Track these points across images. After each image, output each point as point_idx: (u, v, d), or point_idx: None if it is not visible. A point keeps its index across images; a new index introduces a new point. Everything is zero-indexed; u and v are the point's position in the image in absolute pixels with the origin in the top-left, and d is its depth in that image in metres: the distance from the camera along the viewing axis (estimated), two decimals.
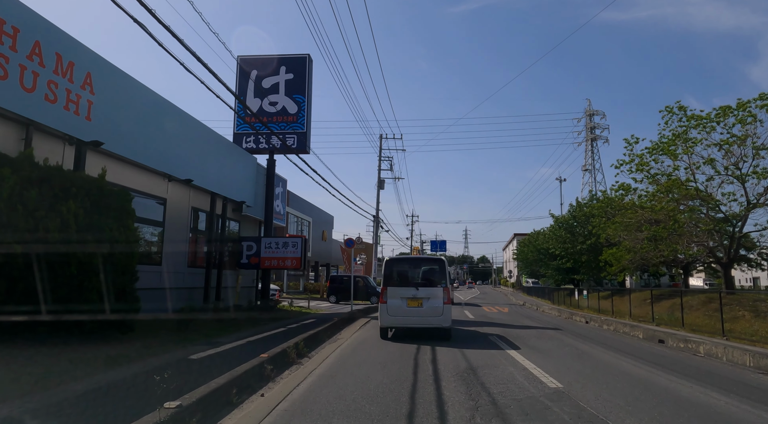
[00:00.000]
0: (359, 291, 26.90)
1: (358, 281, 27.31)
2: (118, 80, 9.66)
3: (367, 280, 27.32)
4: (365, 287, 26.87)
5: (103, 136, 8.93)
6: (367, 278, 27.63)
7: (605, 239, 22.43)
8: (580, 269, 29.78)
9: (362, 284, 26.99)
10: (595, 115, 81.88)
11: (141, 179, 11.34)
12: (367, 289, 26.82)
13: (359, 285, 27.00)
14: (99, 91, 8.96)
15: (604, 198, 18.09)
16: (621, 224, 18.04)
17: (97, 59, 9.04)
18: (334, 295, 26.51)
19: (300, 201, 41.50)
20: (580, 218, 26.63)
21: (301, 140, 17.51)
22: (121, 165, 10.35)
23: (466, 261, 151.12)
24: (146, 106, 10.64)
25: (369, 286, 26.98)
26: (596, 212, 20.19)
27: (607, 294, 25.69)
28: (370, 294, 26.73)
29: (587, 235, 27.18)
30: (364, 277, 27.78)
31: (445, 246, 58.59)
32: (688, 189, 16.76)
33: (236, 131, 17.66)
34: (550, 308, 21.57)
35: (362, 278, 27.58)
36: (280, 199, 19.97)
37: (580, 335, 10.99)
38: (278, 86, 17.86)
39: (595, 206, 23.22)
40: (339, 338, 9.40)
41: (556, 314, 19.40)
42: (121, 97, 9.77)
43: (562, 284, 36.04)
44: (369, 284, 27.09)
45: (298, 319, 13.55)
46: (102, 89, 9.06)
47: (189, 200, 13.95)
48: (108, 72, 9.35)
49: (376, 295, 26.38)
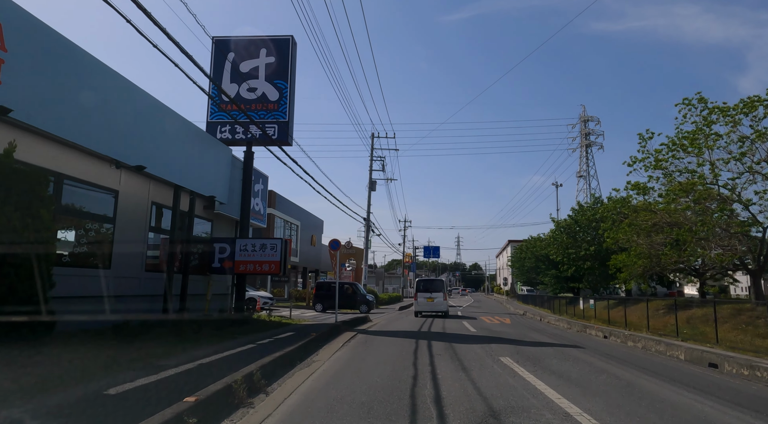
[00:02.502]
0: (348, 299, 24.97)
1: (347, 288, 25.39)
2: (43, 38, 7.77)
3: (357, 287, 25.40)
4: (354, 294, 24.93)
5: (15, 103, 7.02)
6: (356, 284, 25.71)
7: (613, 243, 20.79)
8: (583, 277, 28.12)
9: (351, 291, 25.05)
10: (589, 121, 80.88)
11: (82, 166, 9.42)
12: (357, 297, 24.88)
13: (348, 292, 25.06)
14: (13, 48, 7.07)
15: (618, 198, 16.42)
16: (635, 227, 16.33)
17: (11, 8, 7.16)
18: (320, 303, 24.54)
19: (287, 203, 39.48)
20: (584, 222, 24.98)
21: (282, 130, 15.66)
22: (50, 145, 8.43)
23: (458, 268, 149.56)
24: (85, 76, 8.74)
25: (359, 293, 25.05)
26: (607, 215, 18.50)
27: (612, 303, 24.03)
28: (359, 302, 24.79)
29: (591, 240, 25.55)
30: (353, 283, 25.86)
31: (439, 252, 56.83)
32: (710, 189, 15.14)
33: (210, 120, 15.77)
34: (556, 319, 19.77)
35: (351, 284, 25.64)
36: (260, 198, 18.07)
37: (609, 356, 9.17)
38: (258, 71, 16.02)
39: (607, 207, 21.53)
40: (315, 361, 7.51)
41: (566, 326, 17.60)
42: (50, 59, 7.88)
43: (560, 292, 34.38)
44: (358, 292, 25.16)
45: (273, 332, 11.64)
46: (18, 46, 7.17)
47: (149, 194, 12.03)
48: (29, 26, 7.46)
49: (366, 303, 24.48)
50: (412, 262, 66.75)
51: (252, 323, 14.10)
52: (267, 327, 13.34)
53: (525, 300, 48.87)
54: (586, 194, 78.07)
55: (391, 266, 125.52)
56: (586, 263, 24.82)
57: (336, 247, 14.46)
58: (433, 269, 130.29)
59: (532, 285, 49.59)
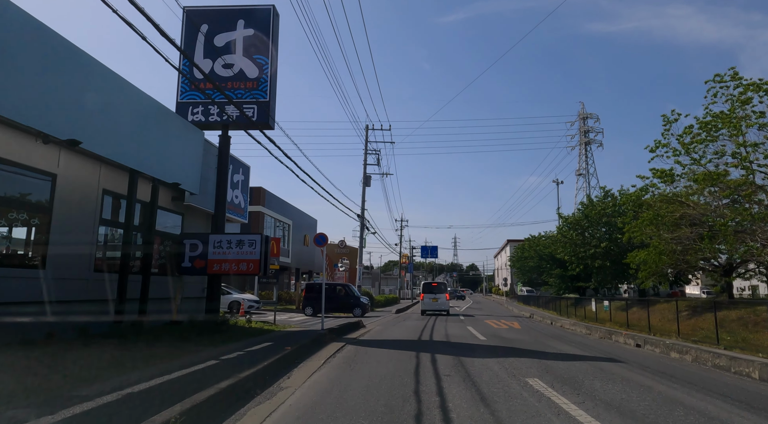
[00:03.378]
0: (340, 302, 23.10)
1: (339, 290, 23.52)
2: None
3: (350, 288, 23.52)
4: (347, 296, 23.05)
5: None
6: (349, 286, 23.83)
7: (635, 238, 19.03)
8: (592, 276, 26.36)
9: (344, 294, 23.16)
10: (589, 118, 79.41)
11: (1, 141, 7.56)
12: (350, 299, 23.00)
13: (340, 295, 23.19)
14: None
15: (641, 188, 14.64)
16: (661, 219, 14.54)
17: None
18: (310, 306, 22.65)
19: (277, 201, 37.54)
20: (594, 217, 23.21)
21: (263, 111, 13.80)
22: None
23: (455, 269, 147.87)
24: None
25: (352, 295, 23.16)
26: (628, 207, 16.70)
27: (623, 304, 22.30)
28: (353, 305, 22.91)
29: (601, 236, 23.80)
30: (345, 285, 23.98)
31: (437, 252, 55.02)
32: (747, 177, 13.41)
33: (180, 100, 13.89)
34: (571, 324, 17.90)
35: (344, 286, 23.76)
36: (241, 190, 16.20)
37: (662, 374, 7.22)
38: (234, 44, 14.15)
39: (628, 198, 19.79)
40: (283, 388, 5.64)
41: (584, 331, 15.70)
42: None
43: (565, 292, 32.64)
44: (352, 294, 23.27)
45: (248, 342, 9.79)
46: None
47: (99, 180, 10.15)
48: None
49: (360, 307, 22.64)
50: (409, 263, 64.96)
51: (227, 330, 12.23)
52: (243, 335, 11.48)
53: (526, 301, 47.09)
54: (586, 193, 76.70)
55: (387, 267, 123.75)
56: (596, 261, 23.06)
57: (322, 242, 12.60)
58: (430, 270, 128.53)
59: (533, 285, 47.87)
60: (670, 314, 19.46)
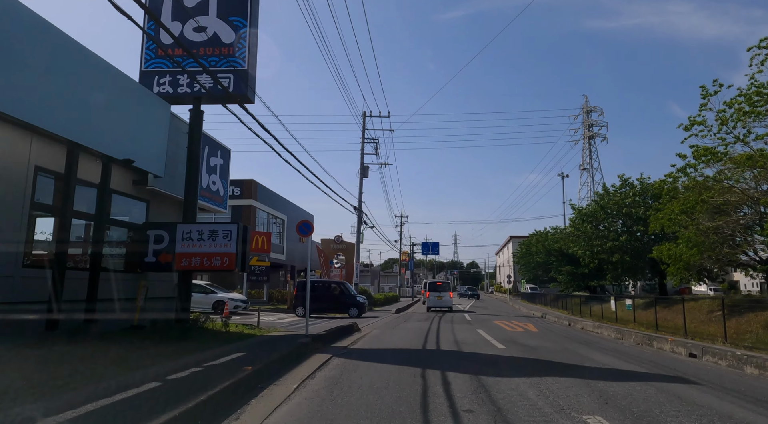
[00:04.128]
0: (335, 301, 21.21)
1: (333, 288, 21.62)
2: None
3: (345, 286, 21.61)
4: (342, 295, 21.14)
5: None
6: (344, 284, 21.92)
7: (654, 231, 17.18)
8: (607, 272, 24.47)
9: (338, 292, 21.26)
10: (592, 111, 77.45)
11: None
12: (345, 298, 21.09)
13: (334, 293, 21.29)
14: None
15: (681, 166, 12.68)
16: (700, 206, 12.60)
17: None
18: (301, 306, 20.72)
19: (270, 195, 35.58)
20: (612, 208, 21.29)
21: (240, 81, 11.88)
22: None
23: (455, 266, 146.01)
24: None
25: (347, 294, 21.26)
26: (663, 191, 14.77)
27: (641, 303, 20.43)
28: (348, 305, 21.01)
29: (619, 229, 21.89)
30: (340, 283, 22.08)
31: (438, 249, 53.16)
32: None
33: (144, 69, 11.96)
34: (595, 326, 15.88)
35: (338, 284, 21.86)
36: (219, 175, 14.27)
37: (758, 401, 5.38)
38: (207, 5, 12.22)
39: (662, 182, 17.75)
40: None
41: (615, 335, 13.60)
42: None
43: (575, 290, 30.75)
44: (347, 292, 21.37)
45: (213, 353, 7.89)
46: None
47: (29, 156, 8.23)
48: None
49: (357, 306, 20.75)
50: (410, 260, 63.13)
51: (196, 336, 10.34)
52: (213, 342, 9.59)
53: (531, 299, 45.18)
54: (590, 188, 74.78)
55: (387, 264, 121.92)
56: (614, 255, 21.14)
57: (305, 231, 10.62)
58: (430, 268, 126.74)
59: (538, 283, 45.96)
60: (700, 315, 17.56)
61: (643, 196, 20.90)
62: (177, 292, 11.22)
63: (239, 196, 31.51)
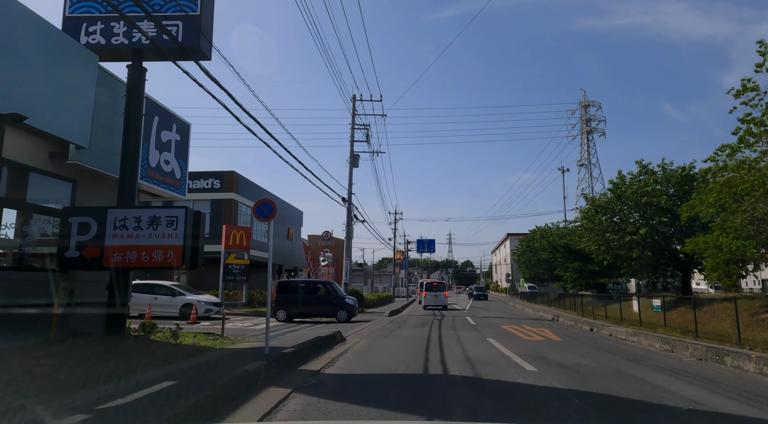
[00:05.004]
0: (320, 304, 18.79)
1: (319, 289, 19.20)
2: None
3: (333, 287, 19.18)
4: (329, 297, 18.71)
5: None
6: (332, 284, 19.49)
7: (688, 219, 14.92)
8: (621, 268, 22.22)
9: (324, 293, 18.82)
10: (590, 106, 75.36)
11: None
12: (333, 300, 18.66)
13: (320, 294, 18.86)
14: None
15: (735, 145, 10.39)
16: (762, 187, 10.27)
17: None
18: (283, 309, 18.28)
19: (255, 189, 33.00)
20: (630, 198, 19.00)
21: (192, 29, 9.44)
22: None
23: (450, 265, 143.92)
24: None
25: (335, 296, 18.83)
26: (715, 171, 12.44)
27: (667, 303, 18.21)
28: (337, 308, 18.60)
29: (636, 221, 19.61)
30: (327, 282, 19.64)
31: (434, 246, 50.85)
32: None
33: (69, 14, 9.51)
34: (628, 333, 13.24)
35: (325, 284, 19.42)
36: (175, 153, 11.78)
37: None
38: None
39: (675, 171, 15.73)
40: None
41: (663, 347, 10.38)
42: None
43: (582, 288, 28.50)
44: (335, 293, 18.94)
45: (128, 385, 5.45)
46: None
47: None
48: None
49: (345, 309, 18.38)
50: (404, 259, 60.78)
51: (132, 352, 7.89)
52: (151, 362, 7.13)
53: (532, 299, 42.96)
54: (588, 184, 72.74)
55: (381, 264, 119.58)
56: (632, 251, 18.87)
57: (265, 213, 8.02)
58: (425, 267, 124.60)
59: (539, 281, 43.70)
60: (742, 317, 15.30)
61: (665, 183, 18.65)
62: (108, 295, 8.78)
63: (219, 188, 29.04)
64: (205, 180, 29.14)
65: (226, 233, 21.69)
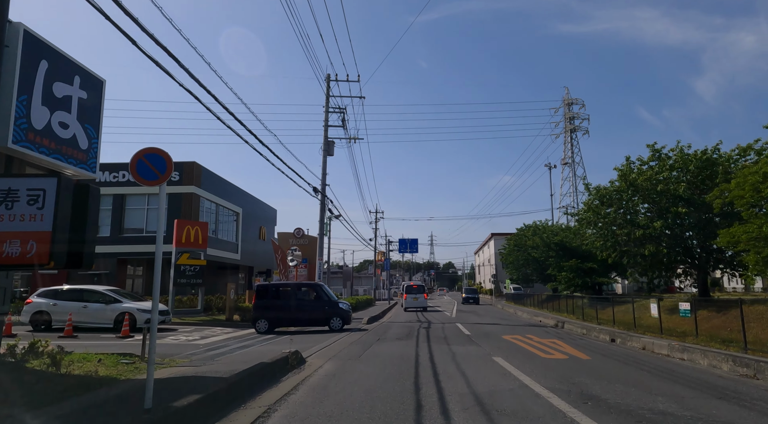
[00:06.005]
0: (309, 310, 16.09)
1: (306, 293, 16.45)
2: None
3: (323, 290, 16.40)
4: (319, 302, 15.92)
5: None
6: (322, 286, 16.66)
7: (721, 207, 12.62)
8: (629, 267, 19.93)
9: (314, 298, 16.08)
10: (574, 104, 73.99)
11: None
12: (324, 305, 15.96)
13: (309, 299, 16.12)
14: None
15: None
16: None
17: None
18: (264, 318, 15.39)
19: (221, 183, 29.78)
20: (644, 187, 16.67)
21: None
22: None
23: (432, 267, 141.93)
24: None
25: (326, 300, 16.07)
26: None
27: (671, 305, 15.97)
28: (329, 314, 15.99)
29: (648, 214, 17.31)
30: (316, 285, 16.80)
31: (417, 246, 48.19)
32: None
33: None
34: (673, 348, 10.27)
35: (314, 286, 16.61)
36: (77, 115, 8.76)
37: None
38: None
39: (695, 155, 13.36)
40: None
41: (734, 369, 8.12)
42: None
43: (581, 289, 26.18)
44: (326, 298, 16.19)
45: None
46: None
47: None
48: None
49: (340, 316, 15.88)
50: (386, 259, 58.11)
51: None
52: None
53: (519, 300, 40.72)
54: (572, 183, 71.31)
55: (363, 266, 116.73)
56: (645, 247, 16.52)
57: (151, 172, 5.03)
58: (407, 269, 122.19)
59: (526, 282, 41.44)
60: None
61: (681, 169, 16.36)
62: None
63: (178, 181, 25.82)
64: None
65: (177, 228, 18.66)
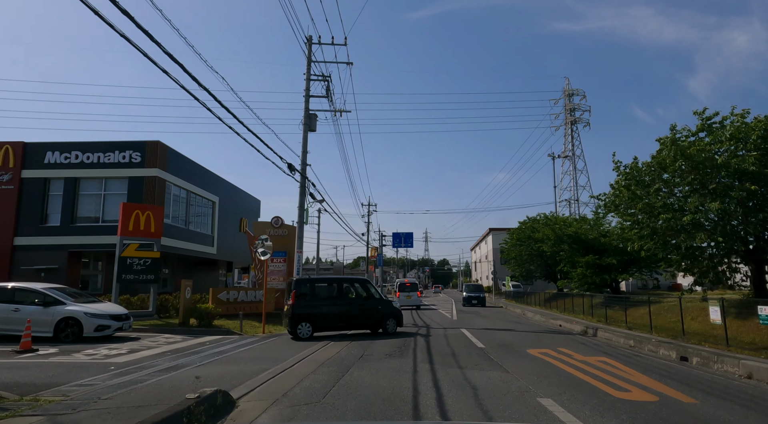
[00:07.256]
0: (360, 310, 13.57)
1: (350, 289, 13.91)
2: None
3: (368, 286, 14.02)
4: (369, 300, 13.80)
5: None
6: (368, 282, 14.00)
7: None
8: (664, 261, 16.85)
9: (363, 295, 13.93)
10: (574, 95, 70.95)
11: None
12: (377, 304, 13.78)
13: (356, 296, 13.63)
14: None
15: None
16: None
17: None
18: (306, 321, 12.55)
19: (190, 167, 26.15)
20: (698, 157, 13.52)
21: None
22: None
23: (426, 264, 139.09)
24: None
25: (380, 299, 14.06)
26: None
27: (736, 307, 13.00)
28: (383, 316, 13.68)
29: (719, 188, 14.18)
30: (363, 280, 14.02)
31: (412, 240, 45.03)
32: None
33: None
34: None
35: (360, 282, 13.94)
36: None
37: None
38: None
39: None
40: None
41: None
42: None
43: (594, 288, 23.11)
44: (376, 296, 14.03)
45: None
46: None
47: None
48: None
49: (394, 317, 13.78)
50: (379, 255, 54.90)
51: None
52: None
53: (520, 299, 37.77)
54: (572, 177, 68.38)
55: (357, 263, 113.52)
56: (696, 235, 13.43)
57: None
58: (401, 266, 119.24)
59: (528, 279, 38.38)
60: None
61: (743, 140, 13.29)
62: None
63: (139, 163, 22.43)
64: (121, 152, 22.50)
65: (123, 214, 15.34)
